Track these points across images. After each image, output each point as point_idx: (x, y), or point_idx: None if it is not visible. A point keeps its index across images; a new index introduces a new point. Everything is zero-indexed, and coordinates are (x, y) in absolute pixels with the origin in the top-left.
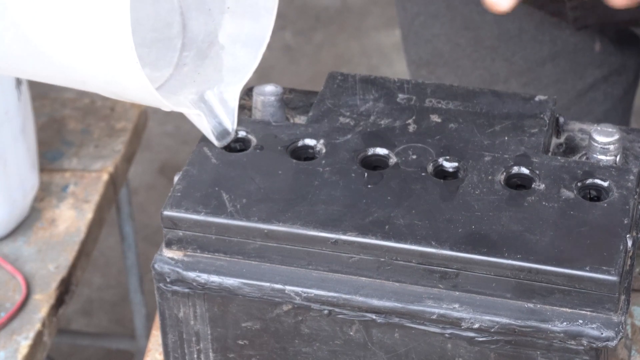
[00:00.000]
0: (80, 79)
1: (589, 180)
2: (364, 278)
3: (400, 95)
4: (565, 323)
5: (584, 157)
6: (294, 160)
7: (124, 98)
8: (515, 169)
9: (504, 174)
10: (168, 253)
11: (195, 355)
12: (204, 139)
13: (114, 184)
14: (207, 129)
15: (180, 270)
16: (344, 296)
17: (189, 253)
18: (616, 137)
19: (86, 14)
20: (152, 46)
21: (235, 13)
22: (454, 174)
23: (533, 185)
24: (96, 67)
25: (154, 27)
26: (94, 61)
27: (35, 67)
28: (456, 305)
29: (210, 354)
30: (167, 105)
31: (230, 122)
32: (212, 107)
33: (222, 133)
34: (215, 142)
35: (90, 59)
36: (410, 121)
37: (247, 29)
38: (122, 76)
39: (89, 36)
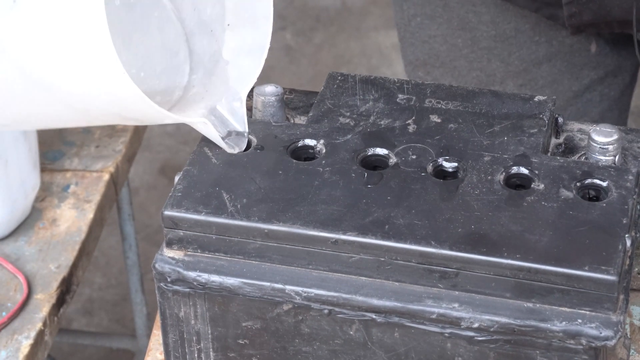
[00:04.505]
0: (81, 105)
1: (588, 180)
2: (364, 278)
3: (400, 96)
4: (564, 322)
5: (583, 157)
6: (294, 161)
7: (133, 119)
8: (514, 169)
9: (504, 174)
10: (169, 253)
11: (195, 355)
12: (205, 139)
13: (115, 183)
14: (215, 136)
15: (180, 270)
16: (344, 296)
17: (189, 253)
18: (615, 137)
19: (65, 30)
20: (162, 75)
21: (235, 27)
22: (453, 174)
23: (532, 185)
24: (87, 83)
25: (163, 56)
26: (83, 78)
27: (38, 104)
28: (456, 305)
29: (211, 354)
30: (171, 117)
31: (242, 128)
32: (223, 117)
33: (236, 140)
34: (229, 149)
35: (79, 77)
36: (410, 121)
37: (249, 38)
38: (113, 89)
39: (74, 53)
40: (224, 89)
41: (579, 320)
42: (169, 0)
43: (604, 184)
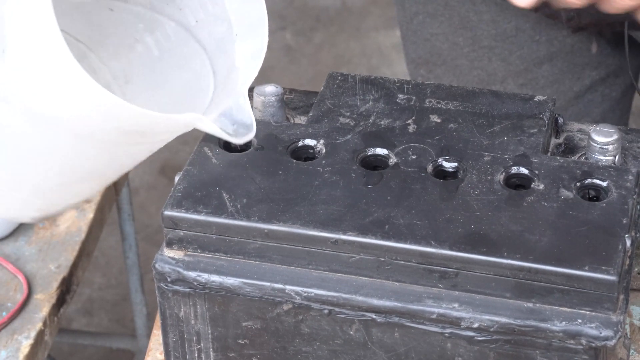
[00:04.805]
0: (84, 129)
1: (588, 180)
2: (364, 278)
3: (400, 96)
4: (564, 322)
5: (583, 157)
6: (294, 161)
7: (134, 132)
8: (514, 169)
9: (504, 174)
10: (169, 253)
11: (196, 355)
12: (205, 139)
13: (115, 184)
14: (216, 130)
15: (181, 270)
16: (344, 296)
17: (189, 253)
18: (615, 137)
19: (45, 64)
20: (194, 103)
21: (241, 36)
22: (453, 174)
23: (532, 185)
24: (76, 103)
25: (194, 88)
26: (72, 100)
27: (51, 147)
28: (456, 305)
29: (211, 354)
30: (161, 116)
31: (249, 120)
32: (230, 115)
33: (244, 132)
34: (234, 140)
35: (70, 100)
36: (410, 121)
37: (251, 43)
38: (96, 102)
39: (57, 81)
40: (232, 92)
41: (579, 320)
42: (190, 32)
43: (604, 184)
